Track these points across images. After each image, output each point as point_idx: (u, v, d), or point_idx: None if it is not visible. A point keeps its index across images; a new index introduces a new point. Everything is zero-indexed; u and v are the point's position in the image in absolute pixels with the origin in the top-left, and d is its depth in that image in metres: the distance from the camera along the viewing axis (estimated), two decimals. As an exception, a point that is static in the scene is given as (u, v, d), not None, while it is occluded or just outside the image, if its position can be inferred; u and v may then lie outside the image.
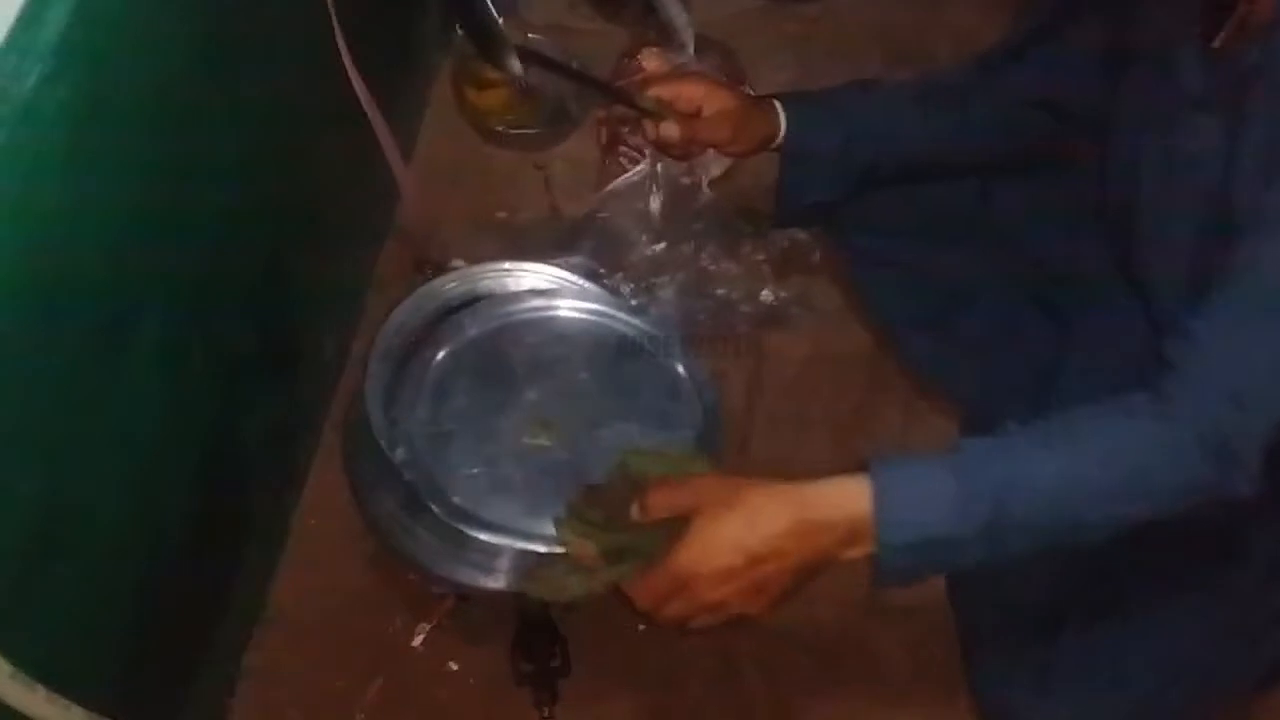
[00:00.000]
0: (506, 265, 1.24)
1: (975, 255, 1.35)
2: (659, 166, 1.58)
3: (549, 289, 1.23)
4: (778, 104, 1.25)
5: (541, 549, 1.01)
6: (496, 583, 1.17)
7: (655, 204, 1.59)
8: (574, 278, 1.25)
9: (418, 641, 1.32)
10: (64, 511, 0.82)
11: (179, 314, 0.96)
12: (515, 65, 1.14)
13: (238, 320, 1.13)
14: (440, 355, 1.14)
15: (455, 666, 1.32)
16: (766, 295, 1.60)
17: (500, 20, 1.16)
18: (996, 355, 1.35)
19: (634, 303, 1.50)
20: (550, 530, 0.99)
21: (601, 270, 1.56)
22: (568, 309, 1.21)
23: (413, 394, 1.11)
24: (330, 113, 1.25)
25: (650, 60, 1.78)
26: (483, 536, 1.02)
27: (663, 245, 1.58)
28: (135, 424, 0.92)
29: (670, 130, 1.19)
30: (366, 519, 1.19)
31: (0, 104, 0.63)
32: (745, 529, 0.83)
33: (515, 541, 1.02)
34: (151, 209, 0.87)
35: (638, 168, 1.64)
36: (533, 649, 1.30)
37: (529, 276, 1.24)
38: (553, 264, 1.54)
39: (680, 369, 1.19)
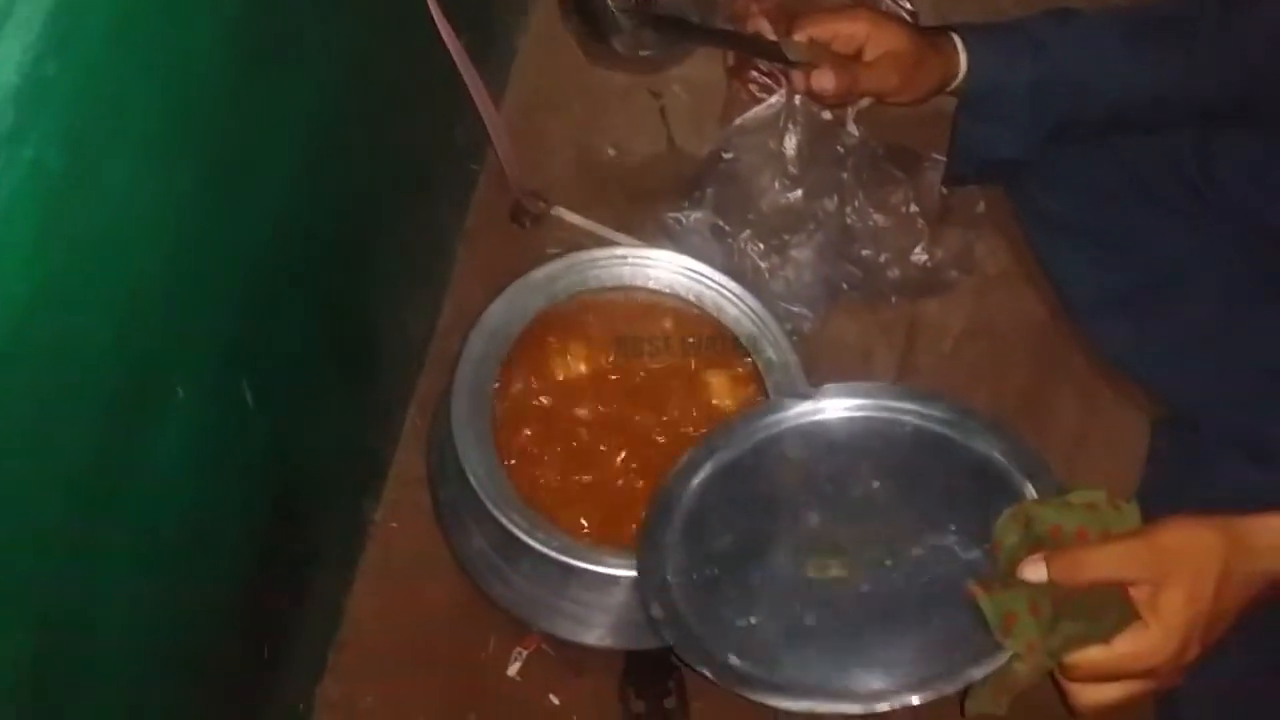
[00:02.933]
0: (620, 251, 1.03)
1: (1191, 224, 1.14)
2: (796, 98, 1.33)
3: (807, 393, 0.98)
4: (956, 37, 1.06)
5: (858, 709, 0.80)
6: (600, 640, 1.02)
7: (790, 143, 1.34)
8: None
9: (513, 670, 1.15)
10: (87, 595, 0.66)
11: (219, 364, 0.77)
12: (618, 44, 0.94)
13: (298, 338, 0.93)
14: (690, 487, 0.93)
15: (556, 701, 1.15)
16: (919, 255, 1.35)
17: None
18: (1213, 347, 1.12)
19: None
20: (869, 685, 0.80)
21: (726, 226, 1.33)
22: (835, 410, 0.96)
23: (661, 536, 0.90)
24: (404, 51, 1.04)
25: (796, -35, 1.53)
26: (784, 704, 0.81)
27: (799, 194, 1.34)
28: (173, 492, 0.74)
29: (825, 81, 1.03)
30: (456, 557, 1.03)
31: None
32: (1214, 609, 0.73)
33: (824, 704, 0.81)
34: (174, 258, 0.67)
35: (771, 99, 1.39)
36: (645, 685, 1.14)
37: (651, 266, 1.03)
38: (672, 215, 1.36)
39: (995, 454, 0.91)
